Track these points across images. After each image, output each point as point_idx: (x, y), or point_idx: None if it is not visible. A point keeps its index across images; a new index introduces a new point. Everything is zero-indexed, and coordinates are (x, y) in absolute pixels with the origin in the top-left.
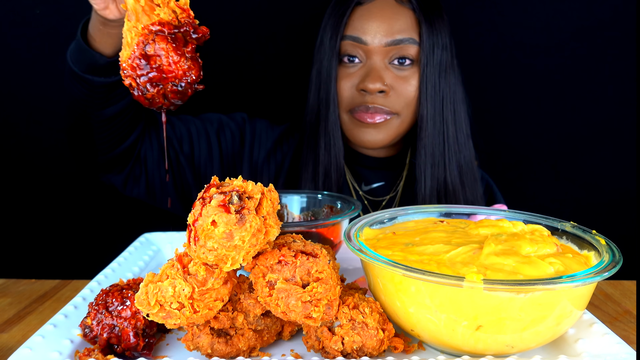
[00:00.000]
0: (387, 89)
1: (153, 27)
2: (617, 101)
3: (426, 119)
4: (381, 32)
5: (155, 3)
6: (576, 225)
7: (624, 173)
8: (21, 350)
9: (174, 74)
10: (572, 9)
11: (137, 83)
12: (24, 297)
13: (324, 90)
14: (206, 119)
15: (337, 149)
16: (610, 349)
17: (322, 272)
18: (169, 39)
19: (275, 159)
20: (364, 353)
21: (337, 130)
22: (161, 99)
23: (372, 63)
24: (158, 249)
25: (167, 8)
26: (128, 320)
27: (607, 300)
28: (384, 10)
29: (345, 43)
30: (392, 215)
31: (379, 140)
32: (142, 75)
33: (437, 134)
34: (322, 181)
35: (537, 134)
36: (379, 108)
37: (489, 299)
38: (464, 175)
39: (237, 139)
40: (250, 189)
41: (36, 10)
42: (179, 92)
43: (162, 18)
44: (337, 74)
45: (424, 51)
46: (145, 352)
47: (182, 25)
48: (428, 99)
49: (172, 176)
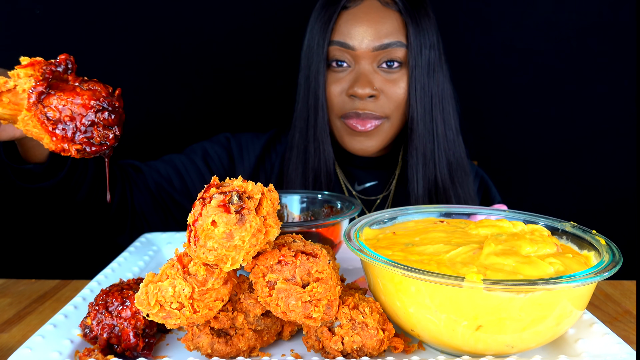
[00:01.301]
0: (377, 93)
1: (31, 98)
2: (617, 101)
3: (417, 120)
4: (368, 37)
5: (6, 88)
6: (576, 225)
7: (624, 173)
8: (21, 350)
9: (85, 107)
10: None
11: (74, 143)
12: (24, 297)
13: (312, 97)
14: (189, 150)
15: (326, 155)
16: (610, 349)
17: (322, 272)
18: (50, 92)
19: (264, 166)
20: (364, 353)
21: (327, 136)
22: (101, 132)
23: (360, 68)
24: (158, 249)
25: (21, 78)
26: (128, 320)
27: (607, 300)
28: (370, 14)
29: (332, 48)
30: (392, 215)
31: (370, 148)
32: (72, 134)
33: (427, 133)
34: (312, 186)
35: (537, 134)
36: (370, 114)
37: (489, 299)
38: (454, 171)
39: (225, 159)
40: (250, 189)
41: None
42: (110, 113)
43: (25, 88)
44: (325, 80)
45: (412, 53)
46: (145, 352)
47: (45, 74)
48: (418, 100)
49: (173, 217)
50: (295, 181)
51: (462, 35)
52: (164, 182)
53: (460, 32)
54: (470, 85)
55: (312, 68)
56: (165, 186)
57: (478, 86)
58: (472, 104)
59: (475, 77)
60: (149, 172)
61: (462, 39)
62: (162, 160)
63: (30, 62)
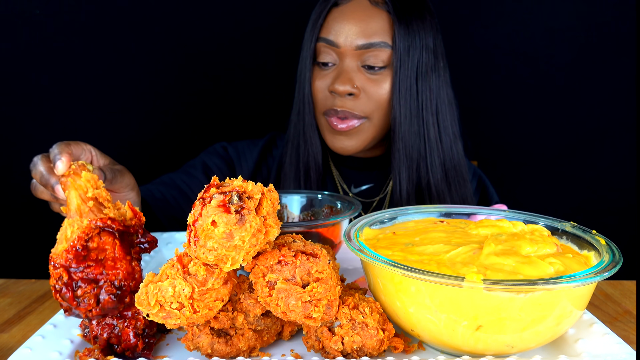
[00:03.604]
0: (357, 92)
1: (100, 222)
2: (617, 101)
3: (399, 121)
4: (352, 35)
5: (104, 205)
6: (576, 225)
7: (624, 173)
8: (21, 350)
9: (115, 271)
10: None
11: (69, 276)
12: (24, 297)
13: (300, 92)
14: (189, 166)
15: (314, 149)
16: (610, 349)
17: (322, 272)
18: (116, 235)
19: (261, 171)
20: (364, 353)
21: (314, 131)
22: (93, 300)
23: (343, 65)
24: (158, 249)
25: (116, 210)
26: (128, 320)
27: (607, 300)
28: (358, 13)
29: (319, 45)
30: (392, 215)
31: (350, 147)
32: (77, 269)
33: (414, 135)
34: (304, 180)
35: (537, 134)
36: (348, 112)
37: (489, 299)
38: (450, 177)
39: (225, 168)
40: (250, 189)
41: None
42: (115, 296)
43: (111, 216)
44: (312, 76)
45: (397, 53)
46: (146, 352)
47: (132, 227)
48: (402, 101)
49: None
50: (289, 175)
51: (462, 35)
52: (170, 208)
53: (459, 31)
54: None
55: (301, 64)
56: (173, 212)
57: (478, 86)
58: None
59: (475, 78)
60: (153, 201)
61: (461, 39)
62: (162, 183)
63: (135, 212)
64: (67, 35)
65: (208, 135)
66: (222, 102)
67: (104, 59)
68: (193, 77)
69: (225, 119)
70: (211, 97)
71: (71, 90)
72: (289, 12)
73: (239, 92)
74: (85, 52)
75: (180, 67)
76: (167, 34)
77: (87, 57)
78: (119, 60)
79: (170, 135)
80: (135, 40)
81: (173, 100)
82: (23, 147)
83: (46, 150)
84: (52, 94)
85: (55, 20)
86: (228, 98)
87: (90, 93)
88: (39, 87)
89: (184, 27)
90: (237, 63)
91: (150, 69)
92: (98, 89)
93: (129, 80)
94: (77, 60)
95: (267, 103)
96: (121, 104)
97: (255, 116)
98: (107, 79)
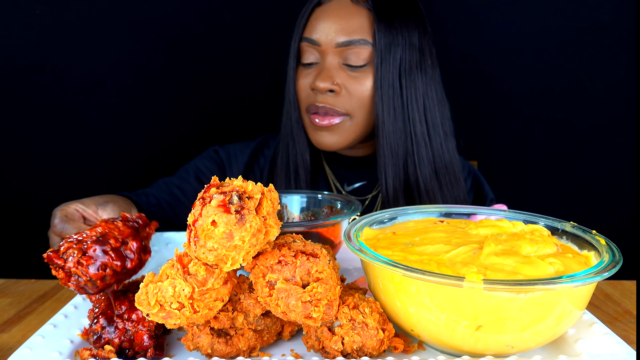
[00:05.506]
0: (337, 89)
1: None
2: (617, 101)
3: (382, 118)
4: (333, 33)
5: None
6: (576, 225)
7: (624, 173)
8: (21, 350)
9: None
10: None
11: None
12: (24, 297)
13: (287, 90)
14: (182, 171)
15: (301, 147)
16: (610, 349)
17: (322, 272)
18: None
19: (253, 171)
20: (364, 353)
21: (300, 129)
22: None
23: (324, 63)
24: (158, 249)
25: None
26: (142, 322)
27: (607, 300)
28: (338, 11)
29: (302, 45)
30: (392, 215)
31: (332, 143)
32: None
33: (399, 132)
34: (294, 178)
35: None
36: (329, 108)
37: (489, 299)
38: (441, 175)
39: (217, 171)
40: (250, 189)
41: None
42: (115, 252)
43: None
44: (296, 75)
45: (377, 51)
46: (158, 353)
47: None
48: (384, 98)
49: None
50: (280, 174)
51: (461, 35)
52: (164, 213)
53: (458, 31)
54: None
55: (288, 64)
56: (166, 216)
57: (478, 86)
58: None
59: (475, 77)
60: (147, 207)
61: (461, 39)
62: (158, 187)
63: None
64: (67, 35)
65: (205, 139)
66: (219, 105)
67: (103, 59)
68: (190, 81)
69: (222, 122)
70: (209, 99)
71: (71, 90)
72: (282, 14)
73: (234, 95)
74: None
75: (180, 68)
76: (166, 38)
77: (87, 58)
78: (118, 60)
79: (168, 138)
80: (135, 38)
81: (172, 102)
82: (23, 147)
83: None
84: (53, 91)
85: (55, 20)
86: (224, 101)
87: (90, 93)
88: (40, 85)
89: (178, 32)
90: (231, 66)
91: (146, 72)
92: (97, 89)
93: (128, 80)
94: (77, 61)
95: (262, 106)
96: (119, 106)
97: (251, 119)
98: (106, 79)
